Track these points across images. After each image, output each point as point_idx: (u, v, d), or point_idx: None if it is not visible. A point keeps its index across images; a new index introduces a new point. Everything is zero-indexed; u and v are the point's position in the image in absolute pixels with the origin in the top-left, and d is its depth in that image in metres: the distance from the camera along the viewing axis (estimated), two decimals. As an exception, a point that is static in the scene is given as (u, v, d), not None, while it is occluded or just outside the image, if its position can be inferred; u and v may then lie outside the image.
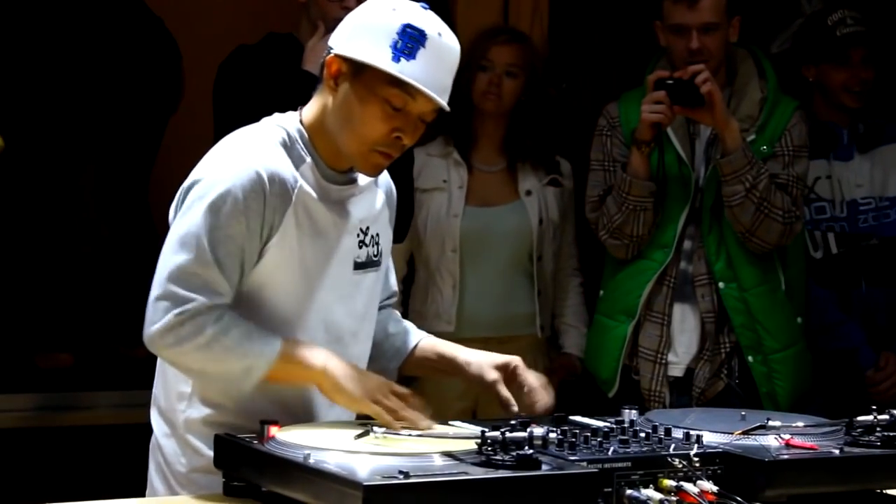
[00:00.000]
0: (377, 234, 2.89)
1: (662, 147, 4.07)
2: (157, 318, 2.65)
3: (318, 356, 2.70)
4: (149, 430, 2.90)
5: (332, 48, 2.75)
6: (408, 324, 3.08)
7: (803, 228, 4.30)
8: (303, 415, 2.77)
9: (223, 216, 2.65)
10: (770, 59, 4.31)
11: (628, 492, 2.44)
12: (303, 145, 2.77)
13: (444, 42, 2.71)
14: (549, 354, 4.43)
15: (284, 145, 2.75)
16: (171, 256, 2.67)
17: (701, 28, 4.04)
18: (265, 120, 2.84)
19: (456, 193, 4.34)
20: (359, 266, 2.83)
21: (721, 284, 4.08)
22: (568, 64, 5.18)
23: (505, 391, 2.86)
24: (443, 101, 2.71)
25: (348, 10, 3.87)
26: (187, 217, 2.68)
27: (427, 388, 3.74)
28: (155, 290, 2.67)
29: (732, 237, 4.07)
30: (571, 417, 2.81)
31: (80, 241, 5.22)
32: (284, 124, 2.79)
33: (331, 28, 3.89)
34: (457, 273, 4.32)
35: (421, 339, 3.02)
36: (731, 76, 4.18)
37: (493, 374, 2.88)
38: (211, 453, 2.70)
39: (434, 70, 2.69)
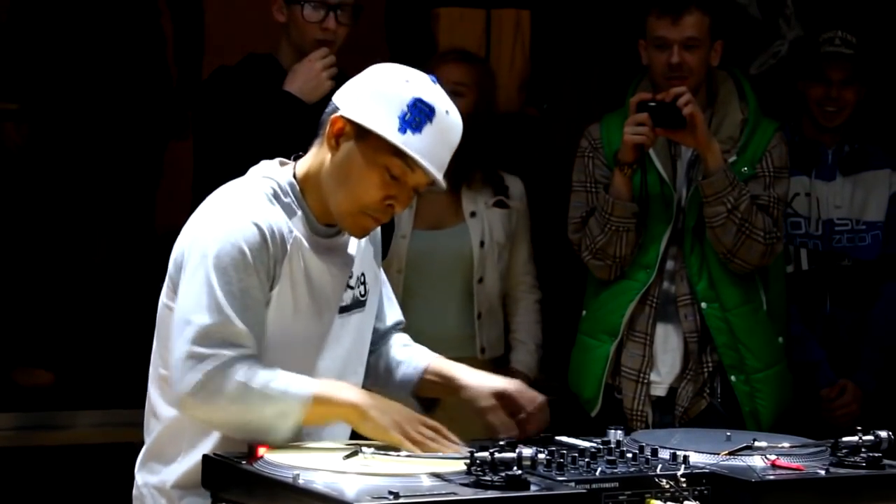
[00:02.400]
0: (362, 275, 2.90)
1: (645, 168, 4.10)
2: (183, 380, 2.65)
3: (348, 392, 2.71)
4: (129, 449, 2.90)
5: (338, 107, 2.76)
6: (417, 348, 3.08)
7: (786, 250, 4.33)
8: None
9: (234, 272, 2.66)
10: (750, 80, 4.34)
11: (616, 512, 2.46)
12: (294, 198, 2.78)
13: (450, 120, 2.74)
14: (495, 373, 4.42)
15: (275, 198, 2.76)
16: (189, 319, 2.66)
17: (683, 43, 4.07)
18: (252, 172, 2.85)
19: (405, 213, 4.34)
20: (343, 310, 2.85)
21: (703, 304, 4.10)
22: (549, 84, 5.20)
23: (493, 419, 2.87)
24: (441, 178, 2.74)
25: (328, 30, 3.93)
26: (197, 277, 2.67)
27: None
28: (178, 353, 2.66)
29: (714, 257, 4.09)
30: (558, 438, 2.82)
31: (69, 257, 5.18)
32: (274, 176, 2.80)
33: (310, 49, 3.94)
34: (400, 293, 4.33)
35: (430, 362, 3.02)
36: (711, 98, 4.21)
37: (485, 402, 2.88)
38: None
39: (437, 146, 2.72)
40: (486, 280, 4.41)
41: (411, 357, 3.05)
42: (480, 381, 2.94)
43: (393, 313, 3.09)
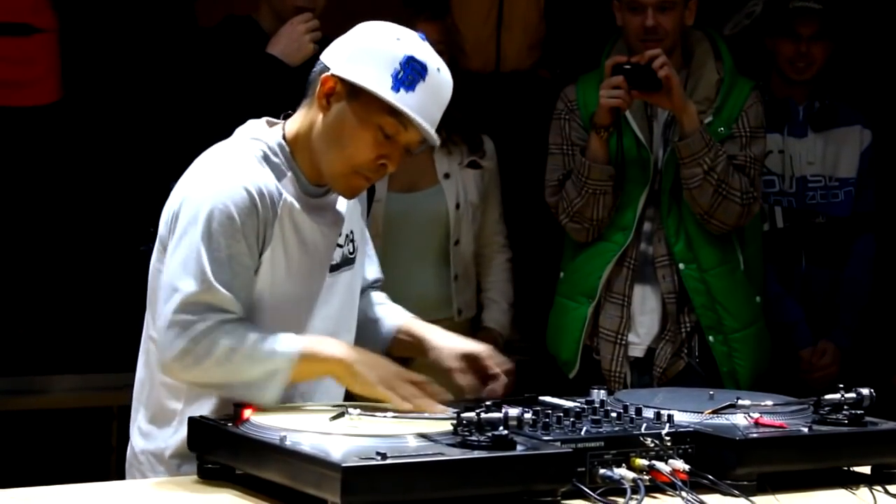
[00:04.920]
0: (351, 232, 2.91)
1: (621, 130, 4.10)
2: (169, 346, 2.65)
3: (334, 348, 2.71)
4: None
5: (328, 66, 2.74)
6: (392, 307, 3.09)
7: (760, 208, 4.34)
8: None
9: (222, 238, 2.65)
10: (726, 40, 4.34)
11: (601, 471, 2.46)
12: (283, 159, 2.77)
13: (441, 77, 2.74)
14: (471, 333, 4.41)
15: (265, 159, 2.75)
16: (175, 286, 2.65)
17: (657, 6, 4.07)
18: (239, 133, 2.83)
19: None
20: (334, 268, 2.85)
21: (681, 265, 4.11)
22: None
23: (460, 379, 2.89)
24: (434, 136, 2.73)
25: None
26: (185, 243, 2.67)
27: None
28: (163, 320, 2.66)
29: (691, 218, 4.11)
30: (542, 398, 2.84)
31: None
32: (263, 137, 2.78)
33: (289, 15, 3.93)
34: (378, 257, 4.32)
35: (404, 322, 3.04)
36: (687, 58, 4.21)
37: (450, 363, 2.91)
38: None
39: (429, 104, 2.71)
40: (461, 242, 4.41)
41: (386, 315, 3.06)
42: (449, 343, 2.96)
43: (372, 270, 3.10)
